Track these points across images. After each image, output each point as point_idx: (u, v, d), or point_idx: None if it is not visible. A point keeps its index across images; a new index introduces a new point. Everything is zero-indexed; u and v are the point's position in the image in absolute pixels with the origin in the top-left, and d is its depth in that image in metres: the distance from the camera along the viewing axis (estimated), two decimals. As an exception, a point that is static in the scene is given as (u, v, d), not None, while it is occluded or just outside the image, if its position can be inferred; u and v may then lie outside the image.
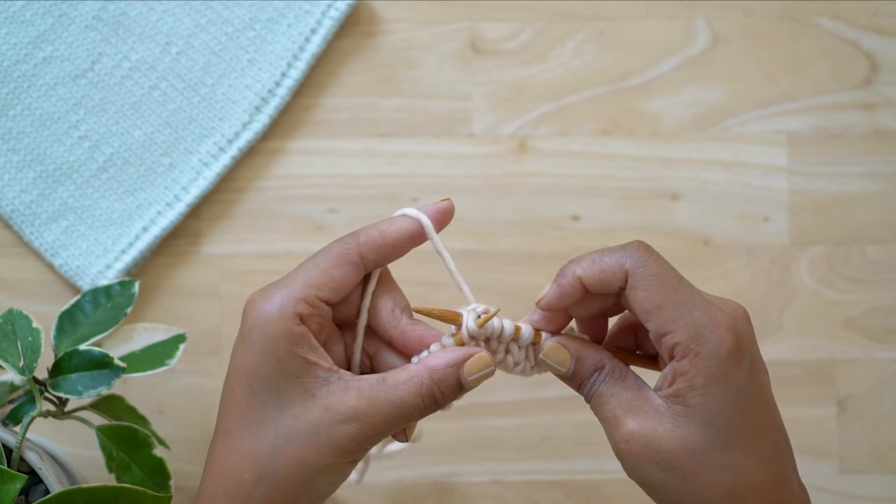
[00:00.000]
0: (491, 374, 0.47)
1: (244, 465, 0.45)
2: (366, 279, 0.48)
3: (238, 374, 0.45)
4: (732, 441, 0.44)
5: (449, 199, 0.49)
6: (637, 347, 0.51)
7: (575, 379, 0.48)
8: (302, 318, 0.45)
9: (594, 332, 0.51)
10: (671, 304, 0.44)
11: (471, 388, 0.47)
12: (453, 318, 0.48)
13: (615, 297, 0.48)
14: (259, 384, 0.45)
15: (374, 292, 0.48)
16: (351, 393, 0.45)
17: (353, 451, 0.45)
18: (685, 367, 0.44)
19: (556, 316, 0.49)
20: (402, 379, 0.46)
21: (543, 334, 0.50)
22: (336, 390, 0.45)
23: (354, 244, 0.46)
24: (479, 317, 0.48)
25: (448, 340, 0.48)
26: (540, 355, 0.49)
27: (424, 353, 0.48)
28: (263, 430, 0.45)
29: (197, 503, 0.46)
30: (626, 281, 0.45)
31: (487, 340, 0.49)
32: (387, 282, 0.49)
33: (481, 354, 0.47)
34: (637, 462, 0.45)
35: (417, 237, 0.48)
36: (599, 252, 0.47)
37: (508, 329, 0.49)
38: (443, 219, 0.48)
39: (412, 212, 0.48)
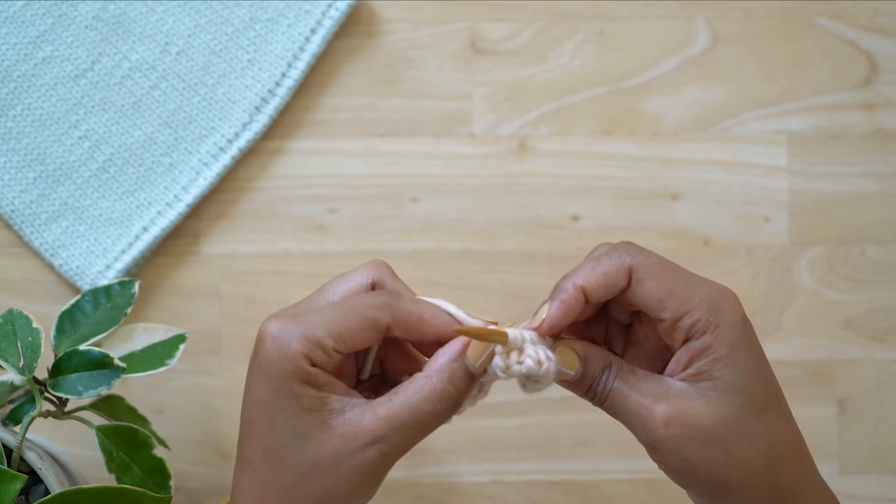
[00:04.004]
0: (492, 355, 0.46)
1: (272, 497, 0.45)
2: None
3: (257, 406, 0.45)
4: (762, 404, 0.45)
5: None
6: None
7: (584, 381, 0.47)
8: (313, 362, 0.44)
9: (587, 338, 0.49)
10: (682, 285, 0.45)
11: (483, 374, 0.46)
12: (498, 338, 0.46)
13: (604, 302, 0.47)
14: (278, 419, 0.44)
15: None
16: (367, 416, 0.44)
17: (375, 473, 0.45)
18: (707, 342, 0.44)
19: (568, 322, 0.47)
20: (412, 389, 0.45)
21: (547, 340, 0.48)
22: (352, 418, 0.44)
23: (388, 316, 0.45)
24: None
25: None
26: None
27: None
28: (286, 465, 0.44)
29: None
30: (630, 278, 0.45)
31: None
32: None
33: (477, 342, 0.45)
34: (678, 445, 0.44)
35: (447, 339, 0.46)
36: (593, 259, 0.46)
37: (545, 363, 0.47)
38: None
39: (458, 314, 0.46)
